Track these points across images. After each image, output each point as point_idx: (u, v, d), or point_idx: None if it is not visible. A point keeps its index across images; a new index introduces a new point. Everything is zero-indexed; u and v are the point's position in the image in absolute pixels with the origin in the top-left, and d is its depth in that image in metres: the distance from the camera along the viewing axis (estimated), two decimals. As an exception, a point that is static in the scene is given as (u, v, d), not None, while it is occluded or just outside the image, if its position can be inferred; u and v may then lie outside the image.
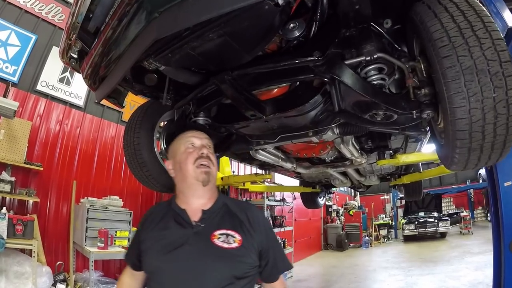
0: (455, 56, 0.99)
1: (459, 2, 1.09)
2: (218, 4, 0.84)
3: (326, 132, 1.57)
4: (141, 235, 1.29)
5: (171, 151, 1.40)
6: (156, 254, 1.20)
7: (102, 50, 1.37)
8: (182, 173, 1.29)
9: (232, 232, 1.21)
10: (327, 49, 1.13)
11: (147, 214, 1.36)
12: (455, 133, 1.06)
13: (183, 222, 1.23)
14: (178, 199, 1.32)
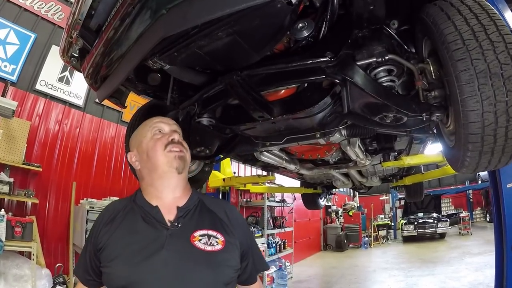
0: (469, 59, 0.98)
1: (472, 5, 1.08)
2: (232, 1, 0.82)
3: (334, 134, 1.55)
4: (99, 240, 1.07)
5: (133, 141, 1.25)
6: (127, 264, 1.01)
7: (105, 48, 1.32)
8: (151, 162, 1.14)
9: (214, 232, 1.09)
10: (339, 50, 1.11)
11: (104, 213, 1.15)
12: (467, 136, 1.04)
13: (155, 222, 1.07)
14: (147, 194, 1.15)
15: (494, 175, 3.03)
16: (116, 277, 1.00)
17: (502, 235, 2.94)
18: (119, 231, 1.07)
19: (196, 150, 1.80)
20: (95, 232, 1.09)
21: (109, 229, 1.08)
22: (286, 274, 6.79)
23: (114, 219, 1.10)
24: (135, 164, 1.19)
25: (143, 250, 1.01)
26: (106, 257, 1.03)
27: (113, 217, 1.11)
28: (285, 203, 8.12)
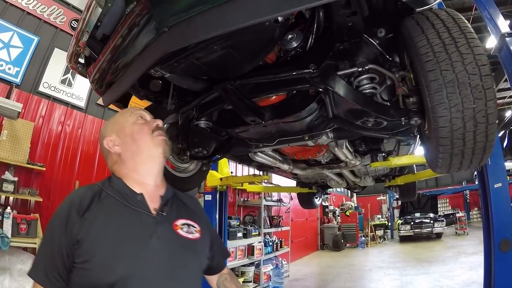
0: (438, 70, 1.07)
1: (446, 18, 1.16)
2: (224, 22, 0.93)
3: (321, 137, 1.66)
4: (75, 233, 0.94)
5: (111, 127, 1.20)
6: (117, 256, 0.95)
7: (111, 57, 1.43)
8: (136, 146, 1.13)
9: (191, 222, 1.13)
10: (322, 61, 1.22)
11: (72, 203, 1.00)
12: (438, 140, 1.14)
13: (140, 209, 1.05)
14: (128, 179, 1.11)
15: (482, 176, 3.13)
16: (106, 270, 0.92)
17: (490, 233, 3.05)
18: (99, 221, 0.98)
19: (194, 151, 1.91)
20: (68, 224, 0.96)
21: (85, 220, 0.97)
22: (282, 272, 6.85)
23: (89, 208, 1.00)
24: (115, 148, 1.14)
25: (131, 239, 0.99)
26: (86, 251, 0.93)
27: (87, 206, 1.00)
28: (282, 203, 8.20)
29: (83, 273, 0.93)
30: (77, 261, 0.93)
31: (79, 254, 0.93)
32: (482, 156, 1.21)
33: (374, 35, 1.37)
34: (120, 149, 1.14)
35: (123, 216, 1.03)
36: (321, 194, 5.40)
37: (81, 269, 0.93)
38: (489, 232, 3.05)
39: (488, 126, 1.09)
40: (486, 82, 1.05)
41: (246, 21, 0.89)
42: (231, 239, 5.59)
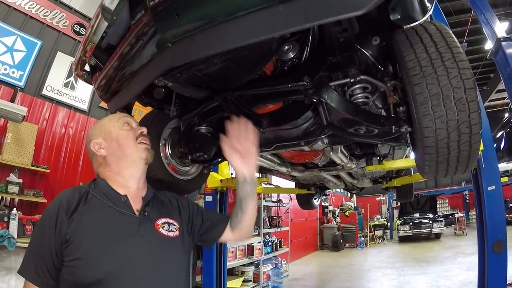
0: (424, 84, 1.13)
1: (434, 33, 1.21)
2: (223, 41, 1.00)
3: (316, 142, 1.74)
4: (64, 233, 1.01)
5: (97, 130, 1.28)
6: (103, 253, 1.01)
7: (116, 67, 1.49)
8: (121, 150, 1.20)
9: (171, 220, 1.20)
10: (316, 74, 1.29)
11: (59, 204, 1.07)
12: (424, 148, 1.22)
13: (124, 210, 1.12)
14: (113, 182, 1.18)
15: (476, 179, 3.21)
16: (93, 267, 0.98)
17: (484, 235, 3.13)
18: (85, 222, 1.04)
19: (195, 155, 2.00)
20: (56, 224, 1.02)
21: (73, 221, 1.03)
22: (281, 272, 6.94)
23: (76, 209, 1.06)
24: (100, 151, 1.22)
25: (116, 238, 1.05)
26: (74, 250, 0.99)
27: (75, 207, 1.07)
28: (281, 203, 8.27)
29: (72, 271, 0.99)
30: (65, 259, 1.00)
31: (67, 252, 1.00)
32: (467, 163, 1.27)
33: (369, 43, 1.41)
34: (105, 152, 1.22)
35: (108, 217, 1.09)
36: (320, 195, 5.48)
37: (69, 266, 0.99)
38: (483, 233, 3.13)
39: (471, 136, 1.15)
40: (469, 95, 1.10)
41: (244, 40, 0.97)
42: (231, 239, 5.63)
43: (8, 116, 3.77)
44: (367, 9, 0.83)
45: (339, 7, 0.84)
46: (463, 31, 10.67)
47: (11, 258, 3.39)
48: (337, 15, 0.85)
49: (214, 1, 1.01)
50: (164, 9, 1.10)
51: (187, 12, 1.06)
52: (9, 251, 3.33)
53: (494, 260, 2.96)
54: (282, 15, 0.89)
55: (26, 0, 4.74)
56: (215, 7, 1.00)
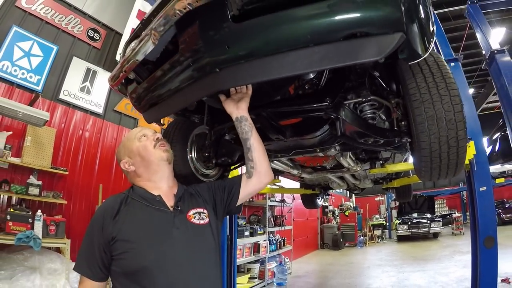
0: (422, 107, 1.41)
1: (432, 64, 1.47)
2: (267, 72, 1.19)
3: (330, 149, 2.00)
4: (110, 232, 1.20)
5: (122, 152, 1.45)
6: (149, 244, 1.19)
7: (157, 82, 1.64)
8: (145, 161, 1.37)
9: (201, 209, 1.37)
10: (336, 96, 1.53)
11: (105, 209, 1.28)
12: (420, 157, 1.50)
13: (160, 207, 1.29)
14: (147, 187, 1.36)
15: (470, 180, 3.46)
16: (139, 257, 1.16)
17: (476, 232, 3.37)
18: (128, 221, 1.22)
19: (221, 159, 2.23)
20: (103, 226, 1.21)
21: (117, 221, 1.21)
22: (286, 269, 7.15)
23: (119, 212, 1.25)
24: (130, 168, 1.39)
25: (158, 231, 1.23)
26: (120, 245, 1.17)
27: (117, 210, 1.25)
28: (285, 203, 8.49)
29: (120, 263, 1.17)
30: (114, 254, 1.18)
31: (115, 248, 1.18)
32: (455, 169, 1.56)
33: (376, 64, 1.64)
34: (134, 167, 1.40)
35: (147, 215, 1.27)
36: (323, 195, 5.73)
37: (118, 259, 1.18)
38: (476, 230, 3.37)
39: (458, 148, 1.44)
40: (458, 117, 1.39)
41: (284, 74, 1.19)
42: (239, 237, 5.84)
43: (31, 121, 3.90)
44: (384, 55, 1.07)
45: (364, 54, 1.08)
46: (461, 36, 10.88)
47: (35, 258, 3.49)
48: (362, 60, 1.10)
49: (261, 39, 1.19)
50: (217, 41, 1.28)
51: (238, 45, 1.24)
52: (33, 251, 3.42)
53: (485, 254, 3.17)
54: (318, 55, 1.12)
55: (42, 6, 4.83)
56: (261, 43, 1.19)
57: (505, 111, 4.19)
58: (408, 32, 1.09)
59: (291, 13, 1.12)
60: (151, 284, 1.14)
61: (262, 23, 1.17)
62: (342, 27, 1.08)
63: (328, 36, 1.10)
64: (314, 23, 1.11)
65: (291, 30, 1.14)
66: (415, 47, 1.19)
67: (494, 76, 4.36)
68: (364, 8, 1.06)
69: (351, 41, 1.09)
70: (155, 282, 1.15)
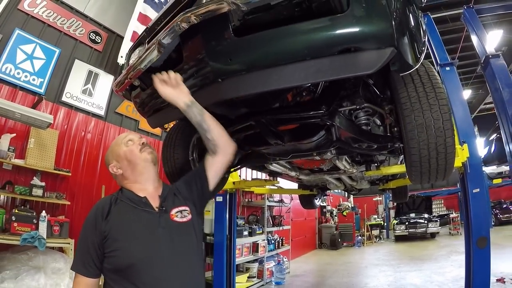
0: (413, 116, 1.50)
1: (423, 74, 1.56)
2: (267, 83, 1.27)
3: (326, 153, 2.09)
4: (102, 231, 1.30)
5: (110, 156, 1.54)
6: (135, 243, 1.29)
7: None
8: (132, 164, 1.47)
9: (182, 207, 1.45)
10: (331, 104, 1.62)
11: (96, 211, 1.37)
12: (410, 162, 1.59)
13: (146, 208, 1.39)
14: (134, 189, 1.45)
15: (463, 182, 3.56)
16: (127, 255, 1.26)
17: (469, 232, 3.46)
18: (118, 221, 1.33)
19: (221, 162, 2.32)
20: (97, 226, 1.31)
21: (108, 222, 1.32)
22: (284, 268, 7.25)
23: (109, 213, 1.35)
24: (118, 171, 1.49)
25: (144, 230, 1.33)
26: (112, 243, 1.27)
27: (107, 211, 1.35)
28: (283, 203, 8.59)
29: (111, 260, 1.27)
30: (106, 251, 1.28)
31: (107, 246, 1.28)
32: (444, 173, 1.65)
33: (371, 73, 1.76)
34: (121, 170, 1.49)
35: (134, 215, 1.37)
36: (321, 195, 5.83)
37: (109, 257, 1.28)
38: (469, 231, 3.46)
39: (447, 154, 1.54)
40: (446, 125, 1.48)
41: (282, 85, 1.28)
42: (238, 237, 5.94)
43: (35, 123, 3.96)
44: (375, 69, 1.16)
45: (356, 68, 1.17)
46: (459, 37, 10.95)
47: (39, 258, 3.53)
48: (354, 73, 1.19)
49: (261, 52, 1.29)
50: (219, 53, 1.37)
51: (239, 58, 1.33)
52: (37, 251, 3.47)
53: (478, 255, 3.29)
54: (313, 68, 1.21)
55: (44, 9, 4.85)
56: (261, 56, 1.29)
57: (498, 114, 4.29)
58: (399, 46, 1.17)
59: (290, 29, 1.21)
60: (139, 279, 1.24)
61: (262, 38, 1.26)
62: (336, 42, 1.17)
63: (324, 51, 1.19)
64: (311, 38, 1.19)
65: (289, 45, 1.23)
66: (406, 59, 1.26)
67: (489, 80, 4.47)
68: (357, 24, 1.15)
69: (345, 55, 1.18)
70: (142, 277, 1.25)
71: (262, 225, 7.37)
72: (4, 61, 4.31)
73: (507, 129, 4.01)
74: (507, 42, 10.47)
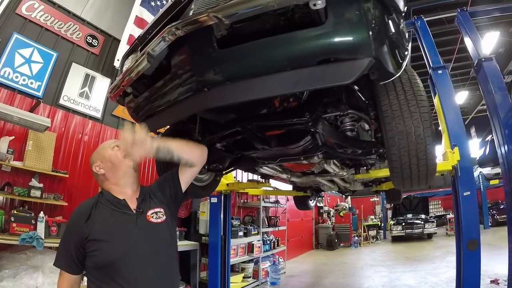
0: (393, 123, 1.54)
1: (405, 82, 1.59)
2: (249, 93, 1.33)
3: (313, 157, 2.16)
4: (84, 232, 1.39)
5: (96, 156, 1.63)
6: (115, 243, 1.39)
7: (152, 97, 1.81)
8: (115, 167, 1.57)
9: (158, 209, 1.58)
10: (314, 111, 1.68)
11: (78, 213, 1.48)
12: (392, 168, 1.64)
13: (125, 210, 1.49)
14: (113, 191, 1.56)
15: (454, 185, 3.60)
16: (107, 254, 1.36)
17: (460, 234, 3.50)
18: (98, 222, 1.42)
19: (212, 165, 2.39)
20: (78, 228, 1.41)
21: (89, 223, 1.41)
22: (279, 269, 7.29)
23: (90, 215, 1.44)
24: (100, 171, 1.59)
25: (123, 231, 1.44)
26: (93, 244, 1.37)
27: (89, 214, 1.45)
28: (279, 204, 8.65)
29: (92, 259, 1.38)
30: (87, 251, 1.38)
31: (88, 246, 1.38)
32: (426, 179, 1.70)
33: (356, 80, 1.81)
34: (104, 171, 1.60)
35: (114, 217, 1.48)
36: (315, 197, 5.89)
37: (90, 256, 1.38)
38: (460, 233, 3.50)
39: (427, 161, 1.58)
40: (426, 132, 1.53)
41: (264, 95, 1.35)
42: (233, 237, 5.98)
43: (33, 127, 4.03)
44: (353, 79, 1.20)
45: (333, 78, 1.22)
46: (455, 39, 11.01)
47: (37, 257, 3.60)
48: (333, 83, 1.24)
49: (243, 64, 1.35)
50: (204, 64, 1.43)
51: (223, 69, 1.39)
52: (35, 251, 3.55)
53: (468, 257, 3.31)
54: (293, 79, 1.26)
55: (41, 13, 4.89)
56: (244, 68, 1.35)
57: (491, 117, 4.31)
58: (378, 55, 1.20)
59: (269, 41, 1.26)
60: (118, 276, 1.35)
61: (244, 49, 1.31)
62: (314, 53, 1.21)
63: (303, 61, 1.24)
64: (289, 49, 1.23)
65: (269, 56, 1.28)
66: (387, 68, 1.29)
67: (482, 83, 4.50)
68: (334, 36, 1.18)
69: (324, 66, 1.22)
70: (121, 274, 1.36)
71: (257, 225, 7.42)
72: (2, 65, 4.36)
73: (499, 132, 4.01)
74: (504, 44, 10.52)
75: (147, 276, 1.41)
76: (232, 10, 1.19)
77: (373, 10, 1.18)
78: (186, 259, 5.64)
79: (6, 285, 3.10)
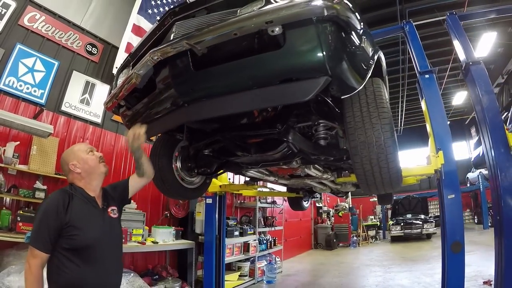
0: (356, 134, 1.66)
1: (369, 94, 1.70)
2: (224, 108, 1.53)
3: (291, 163, 2.34)
4: (64, 219, 1.63)
5: (72, 156, 1.88)
6: (91, 230, 1.70)
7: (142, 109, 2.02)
8: (90, 169, 1.86)
9: (113, 207, 1.93)
10: (286, 122, 1.85)
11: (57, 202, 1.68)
12: (356, 176, 1.77)
13: (95, 205, 1.82)
14: (86, 189, 1.84)
15: (440, 188, 3.66)
16: (86, 238, 1.66)
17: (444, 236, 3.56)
18: (76, 211, 1.69)
19: (201, 170, 2.59)
20: (59, 213, 1.64)
21: (68, 212, 1.66)
22: (275, 268, 7.42)
23: (69, 204, 1.69)
24: (77, 170, 1.85)
25: (96, 221, 1.78)
26: (73, 229, 1.64)
27: (67, 203, 1.69)
28: (276, 204, 8.79)
29: (70, 241, 1.64)
30: (65, 234, 1.64)
31: (67, 230, 1.64)
32: (391, 185, 1.80)
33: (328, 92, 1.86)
34: (80, 170, 1.86)
35: (87, 209, 1.78)
36: (309, 198, 6.01)
37: (68, 238, 1.64)
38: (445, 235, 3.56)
39: (389, 169, 1.68)
40: (387, 142, 1.63)
41: (235, 110, 1.54)
42: (229, 237, 6.14)
43: (37, 133, 4.28)
44: (310, 97, 1.35)
45: (293, 96, 1.39)
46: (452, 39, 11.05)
47: None
48: (292, 101, 1.41)
49: (215, 83, 1.54)
50: (183, 83, 1.63)
51: (199, 88, 1.59)
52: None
53: (452, 259, 3.35)
54: (259, 96, 1.44)
55: (43, 23, 5.09)
56: (217, 87, 1.54)
57: (478, 121, 4.36)
58: (335, 73, 1.32)
59: (237, 64, 1.45)
60: (90, 256, 1.68)
61: (215, 71, 1.52)
62: (276, 73, 1.39)
63: (265, 81, 1.42)
64: (254, 71, 1.42)
65: (237, 77, 1.48)
66: (347, 83, 1.40)
67: (470, 86, 4.55)
68: (292, 57, 1.33)
69: (285, 85, 1.40)
70: (93, 255, 1.69)
71: (254, 225, 7.57)
72: (7, 74, 4.57)
73: (486, 136, 4.02)
74: (502, 44, 10.58)
75: (111, 257, 1.80)
76: (202, 37, 1.38)
77: (327, 32, 1.29)
78: (183, 258, 5.83)
79: (13, 279, 3.32)
